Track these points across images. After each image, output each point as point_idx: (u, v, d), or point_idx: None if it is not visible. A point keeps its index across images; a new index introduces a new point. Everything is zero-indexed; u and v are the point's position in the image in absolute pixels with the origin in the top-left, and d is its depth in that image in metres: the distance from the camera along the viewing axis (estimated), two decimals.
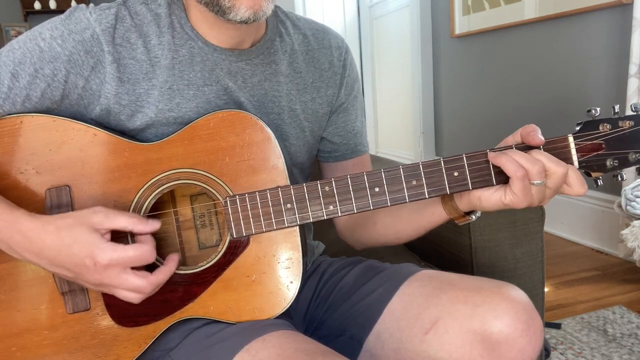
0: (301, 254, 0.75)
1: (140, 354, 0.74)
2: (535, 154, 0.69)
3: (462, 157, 0.71)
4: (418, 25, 3.69)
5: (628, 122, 0.70)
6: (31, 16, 5.22)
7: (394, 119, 4.38)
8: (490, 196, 0.72)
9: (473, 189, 0.72)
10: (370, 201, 0.72)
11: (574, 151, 0.71)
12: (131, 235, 0.71)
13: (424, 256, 1.18)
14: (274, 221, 0.73)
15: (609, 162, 0.70)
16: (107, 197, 0.73)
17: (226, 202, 0.73)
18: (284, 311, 0.75)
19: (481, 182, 0.71)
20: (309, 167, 0.95)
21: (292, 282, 0.75)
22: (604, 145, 0.70)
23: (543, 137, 0.70)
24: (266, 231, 0.73)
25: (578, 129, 0.71)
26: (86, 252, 0.65)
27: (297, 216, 0.73)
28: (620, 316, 1.75)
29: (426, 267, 0.89)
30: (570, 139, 0.71)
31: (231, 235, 0.74)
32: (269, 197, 0.72)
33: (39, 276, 0.73)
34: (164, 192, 0.74)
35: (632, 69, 2.03)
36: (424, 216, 0.81)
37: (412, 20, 3.77)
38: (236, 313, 0.75)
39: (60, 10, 4.73)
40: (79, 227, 0.66)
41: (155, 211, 0.76)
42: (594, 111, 0.70)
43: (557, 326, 1.70)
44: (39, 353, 0.73)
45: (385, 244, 0.92)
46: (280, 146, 0.75)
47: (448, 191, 0.71)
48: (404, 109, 4.12)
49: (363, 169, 0.95)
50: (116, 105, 0.75)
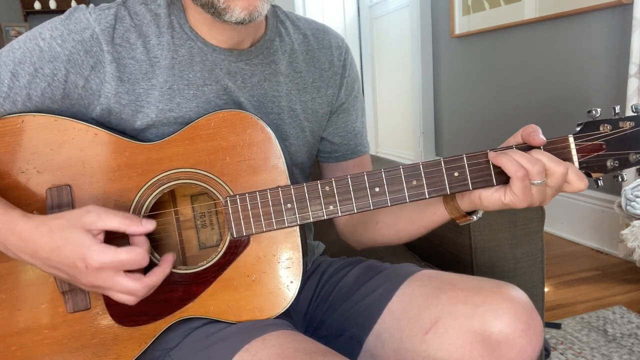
0: (301, 254, 0.75)
1: (140, 353, 0.74)
2: (536, 153, 0.69)
3: (463, 157, 0.71)
4: (418, 25, 3.69)
5: (629, 122, 0.70)
6: (31, 16, 5.22)
7: (394, 119, 4.38)
8: (490, 196, 0.72)
9: (473, 189, 0.72)
10: (370, 201, 0.72)
11: (574, 152, 0.71)
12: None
13: (424, 256, 1.18)
14: (274, 221, 0.73)
15: (609, 163, 0.70)
16: (108, 196, 0.73)
17: (226, 201, 0.73)
18: (284, 311, 0.75)
19: (481, 182, 0.71)
20: (309, 167, 0.95)
21: (292, 282, 0.75)
22: (604, 146, 0.70)
23: (544, 137, 0.70)
24: (266, 231, 0.73)
25: (578, 129, 0.71)
26: (78, 254, 0.64)
27: (297, 216, 0.73)
28: (620, 316, 1.75)
29: (426, 267, 0.89)
30: (571, 139, 0.71)
31: (231, 234, 0.74)
32: (269, 196, 0.72)
33: (39, 275, 0.73)
34: (165, 191, 0.74)
35: (632, 69, 2.03)
36: (425, 216, 0.81)
37: (412, 20, 3.77)
38: (236, 313, 0.75)
39: (60, 10, 4.74)
40: (71, 228, 0.65)
41: (155, 211, 0.76)
42: (594, 112, 0.70)
43: (557, 326, 1.70)
44: (39, 352, 0.73)
45: (386, 244, 0.92)
46: (281, 146, 0.75)
47: (448, 191, 0.71)
48: (404, 109, 4.12)
49: (363, 169, 0.94)
50: (116, 104, 0.75)
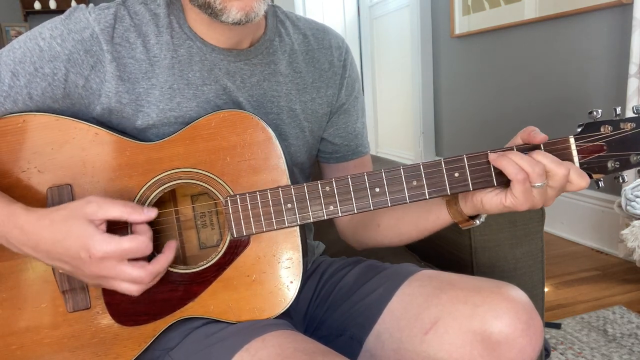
0: (301, 254, 0.75)
1: (140, 353, 0.74)
2: (537, 155, 0.69)
3: (463, 158, 0.71)
4: (418, 25, 3.69)
5: (629, 124, 0.70)
6: (31, 16, 5.21)
7: (394, 119, 4.38)
8: (492, 199, 0.72)
9: (474, 189, 0.72)
10: (370, 201, 0.72)
11: (575, 152, 0.71)
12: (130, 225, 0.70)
13: (424, 256, 1.18)
14: (274, 221, 0.73)
15: (610, 164, 0.70)
16: (109, 195, 0.73)
17: (227, 201, 0.73)
18: (284, 311, 0.75)
19: (482, 182, 0.71)
20: (309, 167, 0.95)
21: (292, 282, 0.75)
22: (605, 147, 0.70)
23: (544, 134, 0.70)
24: (266, 231, 0.73)
25: (579, 130, 0.71)
26: (80, 244, 0.65)
27: (297, 216, 0.73)
28: (620, 316, 1.75)
29: (426, 267, 0.89)
30: (571, 140, 0.71)
31: (231, 234, 0.74)
32: (269, 196, 0.72)
33: (40, 275, 0.73)
34: (165, 191, 0.74)
35: (632, 69, 2.03)
36: (428, 220, 0.81)
37: (412, 20, 3.77)
38: (236, 313, 0.75)
39: (60, 10, 4.73)
40: (73, 219, 0.65)
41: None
42: (595, 113, 0.70)
43: (557, 326, 1.70)
44: (39, 351, 0.74)
45: (388, 245, 0.92)
46: (281, 146, 0.75)
47: (449, 192, 0.71)
48: (404, 109, 4.12)
49: (364, 169, 0.94)
50: (117, 104, 0.75)
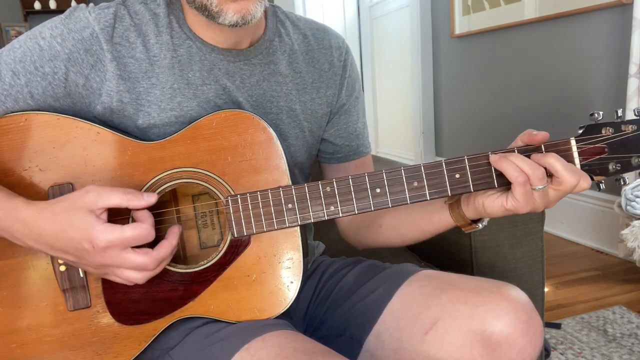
0: (302, 254, 0.75)
1: (140, 352, 0.74)
2: (549, 158, 0.67)
3: (464, 159, 0.71)
4: (418, 25, 3.69)
5: (630, 126, 0.69)
6: (31, 16, 5.21)
7: (394, 119, 4.38)
8: (493, 202, 0.71)
9: (475, 191, 0.72)
10: (371, 202, 0.72)
11: (576, 154, 0.70)
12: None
13: (424, 256, 1.19)
14: (274, 221, 0.73)
15: (611, 166, 0.70)
16: None
17: (227, 201, 0.73)
18: (284, 311, 0.75)
19: (483, 184, 0.71)
20: (308, 167, 0.95)
21: (292, 282, 0.75)
22: (606, 149, 0.70)
23: (544, 142, 0.70)
24: (267, 231, 0.73)
25: (580, 132, 0.71)
26: (83, 234, 0.65)
27: (298, 216, 0.73)
28: (620, 316, 1.75)
29: (426, 267, 0.89)
30: (573, 142, 0.70)
31: (232, 234, 0.74)
32: (270, 196, 0.73)
33: (40, 273, 0.73)
34: (166, 190, 0.74)
35: (632, 69, 2.03)
36: (430, 222, 0.81)
37: (412, 20, 3.77)
38: (236, 312, 0.75)
39: (60, 10, 4.73)
40: (74, 210, 0.66)
41: (157, 210, 0.76)
42: (596, 115, 0.70)
43: (557, 326, 1.70)
44: (39, 350, 0.74)
45: (389, 246, 0.92)
46: (282, 146, 0.75)
47: (449, 193, 0.71)
48: (404, 109, 4.13)
49: (365, 170, 0.95)
50: (118, 103, 0.75)
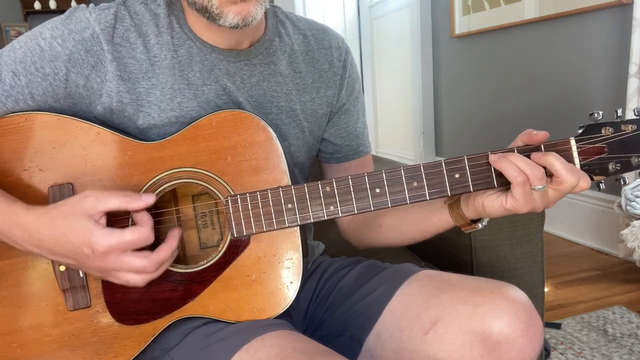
0: (301, 254, 0.75)
1: (140, 352, 0.74)
2: (550, 157, 0.67)
3: (464, 159, 0.71)
4: (418, 25, 3.69)
5: (630, 126, 0.69)
6: (31, 16, 5.21)
7: (394, 119, 4.38)
8: (493, 202, 0.71)
9: (474, 190, 0.71)
10: (371, 202, 0.72)
11: (575, 154, 0.70)
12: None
13: (424, 256, 1.19)
14: (274, 221, 0.73)
15: (611, 166, 0.70)
16: None
17: (227, 201, 0.73)
18: (283, 311, 0.75)
19: (482, 184, 0.71)
20: (308, 167, 0.95)
21: (292, 282, 0.75)
22: (606, 149, 0.70)
23: (544, 142, 0.70)
24: (267, 231, 0.73)
25: (580, 132, 0.71)
26: (82, 240, 0.65)
27: (297, 216, 0.73)
28: (620, 316, 1.75)
29: (426, 267, 0.89)
30: (572, 141, 0.70)
31: (232, 234, 0.74)
32: (269, 196, 0.73)
33: (40, 273, 0.74)
34: (166, 190, 0.74)
35: (632, 69, 2.03)
36: (430, 222, 0.81)
37: (412, 20, 3.77)
38: (236, 312, 0.75)
39: (60, 10, 4.74)
40: (72, 215, 0.66)
41: (157, 210, 0.76)
42: (596, 114, 0.69)
43: (557, 326, 1.70)
44: (39, 350, 0.74)
45: (389, 246, 0.92)
46: (282, 146, 0.75)
47: (449, 193, 0.71)
48: (404, 109, 4.12)
49: (365, 169, 0.95)
50: (118, 103, 0.75)
